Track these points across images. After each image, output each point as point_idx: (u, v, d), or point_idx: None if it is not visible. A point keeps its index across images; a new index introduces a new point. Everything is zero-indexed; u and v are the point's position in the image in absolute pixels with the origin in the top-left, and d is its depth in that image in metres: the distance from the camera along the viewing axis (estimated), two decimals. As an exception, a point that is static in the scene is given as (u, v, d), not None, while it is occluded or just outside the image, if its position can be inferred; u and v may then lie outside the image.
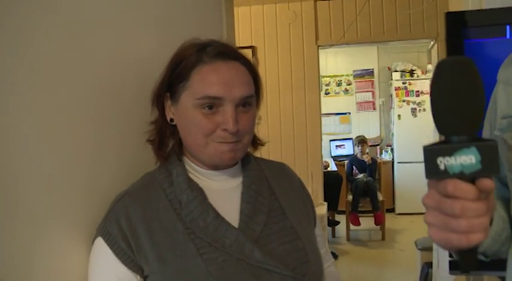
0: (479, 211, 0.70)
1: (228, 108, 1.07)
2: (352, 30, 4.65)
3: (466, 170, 0.68)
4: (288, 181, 1.30)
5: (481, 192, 0.70)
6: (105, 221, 1.10)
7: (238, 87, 1.09)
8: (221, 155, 1.10)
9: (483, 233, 0.71)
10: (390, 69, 8.04)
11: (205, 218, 1.09)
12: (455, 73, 0.71)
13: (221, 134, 1.08)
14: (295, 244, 1.14)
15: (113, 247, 1.06)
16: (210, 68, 1.09)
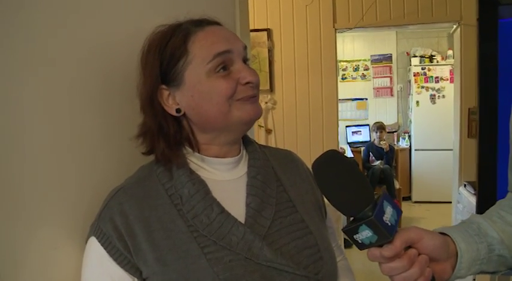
0: (403, 267, 0.84)
1: (239, 63, 1.06)
2: (371, 13, 4.53)
3: (371, 240, 0.84)
4: (296, 170, 1.22)
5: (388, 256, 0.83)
6: (99, 219, 1.02)
7: (237, 40, 1.08)
8: (248, 114, 1.05)
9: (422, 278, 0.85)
10: (409, 54, 7.91)
11: (209, 213, 1.00)
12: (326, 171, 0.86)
13: (243, 89, 1.04)
14: (306, 239, 1.07)
15: (107, 247, 0.99)
16: (203, 32, 1.06)
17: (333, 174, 0.86)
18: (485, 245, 0.97)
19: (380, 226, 0.83)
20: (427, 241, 0.89)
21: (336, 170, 0.85)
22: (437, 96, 7.36)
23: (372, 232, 0.83)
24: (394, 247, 0.84)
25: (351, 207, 0.85)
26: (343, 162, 0.86)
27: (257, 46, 4.68)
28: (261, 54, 4.70)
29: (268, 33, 4.73)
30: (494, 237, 0.98)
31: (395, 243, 0.84)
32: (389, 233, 0.84)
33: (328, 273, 1.06)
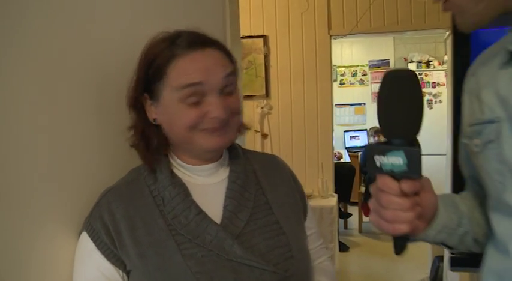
0: (403, 206, 0.84)
1: (212, 96, 1.08)
2: (365, 20, 4.61)
3: (395, 169, 0.82)
4: (278, 173, 1.29)
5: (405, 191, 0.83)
6: (90, 216, 1.12)
7: (217, 71, 1.09)
8: (214, 144, 1.10)
9: (407, 225, 0.85)
10: (407, 60, 7.98)
11: (187, 215, 1.09)
12: (396, 85, 0.82)
13: (210, 121, 1.08)
14: (278, 239, 1.13)
15: (96, 241, 1.08)
16: (185, 60, 1.09)
17: (402, 91, 0.83)
18: (457, 216, 1.02)
19: (419, 160, 0.81)
20: (430, 196, 0.94)
21: (406, 89, 0.83)
22: (434, 101, 7.46)
23: (405, 161, 0.81)
24: (415, 184, 0.84)
25: (402, 128, 0.83)
26: (417, 87, 0.84)
27: (253, 52, 4.75)
28: (257, 60, 4.78)
29: (264, 39, 4.80)
30: (464, 211, 1.04)
31: (418, 181, 0.85)
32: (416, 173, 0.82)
33: (298, 271, 1.12)
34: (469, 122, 1.00)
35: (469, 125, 1.00)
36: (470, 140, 0.99)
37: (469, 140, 1.00)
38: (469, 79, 1.04)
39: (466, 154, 1.05)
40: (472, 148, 0.99)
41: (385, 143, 0.84)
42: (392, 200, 0.85)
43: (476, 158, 0.98)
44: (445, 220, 1.00)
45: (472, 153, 0.99)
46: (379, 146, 0.83)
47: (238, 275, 1.05)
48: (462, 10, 0.90)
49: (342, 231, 6.21)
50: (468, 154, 1.02)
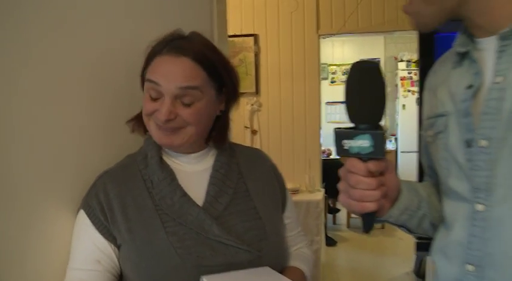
0: (370, 185, 0.91)
1: (166, 99, 1.18)
2: (353, 20, 4.71)
3: (362, 151, 0.89)
4: (260, 166, 1.41)
5: (371, 171, 0.91)
6: (87, 195, 1.25)
7: (176, 79, 1.18)
8: (159, 139, 1.23)
9: (374, 203, 0.92)
10: (397, 58, 8.10)
11: (173, 196, 1.22)
12: (361, 75, 0.90)
13: (155, 119, 1.20)
14: (254, 223, 1.26)
15: (92, 218, 1.21)
16: (160, 59, 1.21)
17: (366, 80, 0.89)
18: (417, 199, 1.10)
19: (383, 142, 0.88)
20: (393, 177, 1.00)
21: (370, 79, 0.89)
22: None
23: (371, 143, 0.88)
24: (381, 164, 0.92)
25: (367, 114, 0.89)
26: (379, 76, 0.89)
27: (244, 51, 4.84)
28: (248, 59, 4.87)
29: (254, 38, 4.90)
30: (423, 196, 1.13)
31: (383, 161, 0.92)
32: (382, 155, 0.89)
33: (271, 252, 1.25)
34: (427, 116, 1.11)
35: (427, 118, 1.11)
36: (425, 131, 1.11)
37: (425, 132, 1.11)
38: (430, 78, 1.15)
39: (424, 144, 1.16)
40: (427, 138, 1.10)
41: (351, 128, 0.90)
42: (360, 180, 0.91)
43: (430, 148, 1.09)
44: (407, 201, 1.07)
45: (427, 143, 1.10)
46: (346, 131, 0.90)
47: (214, 252, 1.17)
48: (417, 14, 1.01)
49: (331, 226, 6.33)
50: (425, 144, 1.13)
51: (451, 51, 1.08)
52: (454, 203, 1.01)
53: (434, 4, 0.96)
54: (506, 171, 0.88)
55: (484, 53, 0.96)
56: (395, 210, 1.06)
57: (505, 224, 0.88)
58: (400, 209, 1.07)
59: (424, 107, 1.14)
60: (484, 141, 0.91)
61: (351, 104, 0.91)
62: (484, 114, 0.91)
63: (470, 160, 0.94)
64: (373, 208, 0.93)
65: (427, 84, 1.15)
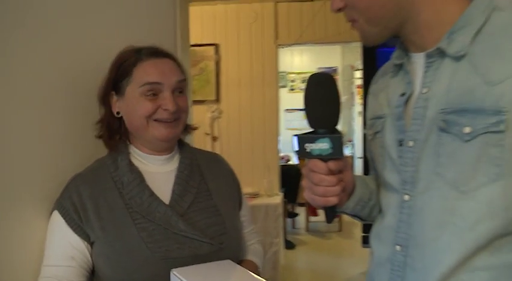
0: (331, 182, 1.03)
1: (166, 93, 1.34)
2: (309, 30, 4.88)
3: (323, 153, 1.00)
4: (219, 168, 1.55)
5: (332, 170, 1.02)
6: (61, 197, 1.34)
7: (172, 75, 1.36)
8: (161, 133, 1.35)
9: (335, 197, 1.05)
10: (353, 67, 8.27)
11: (142, 196, 1.33)
12: (317, 86, 1.02)
13: (162, 113, 1.33)
14: (215, 219, 1.39)
15: (66, 217, 1.30)
16: (148, 62, 1.36)
17: (323, 89, 1.00)
18: (368, 192, 1.23)
19: (341, 144, 0.99)
20: (350, 174, 1.12)
21: (326, 88, 1.00)
22: None
23: (330, 146, 0.98)
24: (340, 163, 1.02)
25: (325, 120, 1.01)
26: (334, 86, 1.01)
27: (205, 59, 4.94)
28: (209, 67, 4.97)
29: (215, 47, 5.00)
30: (372, 188, 1.25)
31: (341, 161, 1.03)
32: (341, 155, 1.00)
33: (231, 245, 1.39)
34: (369, 117, 1.25)
35: (369, 119, 1.25)
36: (367, 130, 1.25)
37: (367, 131, 1.25)
38: (373, 84, 1.29)
39: (367, 142, 1.29)
40: (368, 136, 1.24)
41: (311, 132, 1.01)
42: (322, 178, 1.02)
43: (371, 145, 1.24)
44: (360, 194, 1.20)
45: (369, 140, 1.24)
46: (308, 136, 1.00)
47: (181, 245, 1.29)
48: (364, 31, 1.13)
49: (290, 230, 6.46)
50: (368, 142, 1.27)
51: (389, 62, 1.23)
52: (387, 194, 1.15)
53: (377, 26, 1.08)
54: (427, 167, 1.02)
55: (415, 66, 1.09)
56: (351, 202, 1.19)
57: (424, 211, 1.03)
58: (355, 201, 1.20)
59: (367, 110, 1.28)
60: (411, 142, 1.05)
61: (310, 111, 1.02)
62: (413, 119, 1.06)
63: (401, 156, 1.08)
64: (335, 202, 1.05)
65: (370, 89, 1.29)
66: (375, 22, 1.08)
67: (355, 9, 1.08)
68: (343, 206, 1.19)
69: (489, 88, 0.93)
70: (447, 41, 1.01)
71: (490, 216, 0.95)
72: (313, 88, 1.02)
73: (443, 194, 1.00)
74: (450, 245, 0.98)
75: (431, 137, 1.01)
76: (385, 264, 1.11)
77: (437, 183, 1.01)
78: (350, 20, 1.12)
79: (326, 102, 1.01)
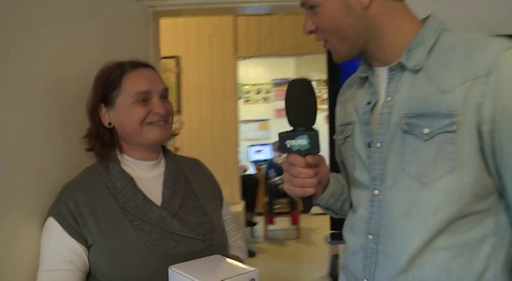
0: (309, 174, 1.17)
1: (155, 99, 1.45)
2: (267, 43, 5.05)
3: (301, 148, 1.14)
4: (201, 173, 1.67)
5: (309, 163, 1.16)
6: (56, 204, 1.41)
7: (159, 83, 1.48)
8: (154, 135, 1.45)
9: (312, 188, 1.19)
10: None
11: (136, 200, 1.42)
12: (296, 89, 1.16)
13: (153, 116, 1.44)
14: (204, 218, 1.50)
15: (62, 223, 1.37)
16: (134, 73, 1.47)
17: (301, 93, 1.14)
18: (340, 186, 1.38)
19: (318, 141, 1.13)
20: (325, 168, 1.26)
21: (304, 92, 1.14)
22: None
23: (308, 142, 1.12)
24: (316, 158, 1.16)
25: (303, 119, 1.14)
26: (310, 90, 1.14)
27: (167, 71, 4.96)
28: (170, 79, 5.02)
29: (176, 60, 5.06)
30: (344, 184, 1.40)
31: (318, 156, 1.17)
32: (317, 149, 1.14)
33: (219, 242, 1.50)
34: (338, 124, 1.40)
35: (338, 126, 1.40)
36: (337, 136, 1.40)
37: (337, 136, 1.40)
38: (340, 95, 1.44)
39: (337, 147, 1.44)
40: (339, 141, 1.38)
41: (291, 131, 1.14)
42: (301, 171, 1.16)
43: (341, 148, 1.38)
44: (333, 188, 1.35)
45: (339, 145, 1.39)
46: (288, 133, 1.14)
47: (177, 243, 1.39)
48: (335, 49, 1.27)
49: (249, 239, 6.51)
50: (338, 146, 1.41)
51: (355, 75, 1.38)
52: (358, 191, 1.29)
53: (346, 44, 1.23)
54: (393, 165, 1.17)
55: (379, 79, 1.24)
56: (325, 195, 1.34)
57: (392, 203, 1.17)
58: (329, 194, 1.34)
59: (336, 118, 1.43)
60: (379, 143, 1.20)
61: (291, 112, 1.15)
62: (379, 124, 1.20)
63: (370, 157, 1.22)
64: (312, 192, 1.19)
65: (338, 99, 1.44)
66: (344, 41, 1.22)
67: (326, 31, 1.22)
68: (318, 198, 1.33)
69: (442, 96, 1.09)
70: (406, 56, 1.17)
71: (448, 203, 1.10)
72: (293, 92, 1.15)
73: (408, 187, 1.14)
74: (415, 230, 1.13)
75: (396, 139, 1.16)
76: (358, 252, 1.25)
77: (403, 178, 1.15)
78: (322, 39, 1.26)
79: (304, 104, 1.14)
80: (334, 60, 1.31)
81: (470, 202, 1.10)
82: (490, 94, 1.05)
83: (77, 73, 1.63)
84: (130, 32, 2.12)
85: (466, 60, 1.09)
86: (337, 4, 1.18)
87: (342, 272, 1.38)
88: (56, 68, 1.58)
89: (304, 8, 1.25)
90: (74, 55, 1.65)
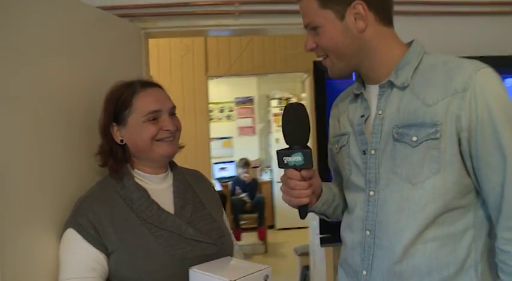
0: (303, 186, 1.35)
1: (165, 116, 1.55)
2: (238, 63, 5.20)
3: (297, 164, 1.31)
4: (203, 183, 1.78)
5: (304, 176, 1.33)
6: (75, 216, 1.48)
7: (167, 101, 1.59)
8: (164, 150, 1.55)
9: (307, 198, 1.36)
10: (269, 97, 8.60)
11: (151, 209, 1.52)
12: (291, 112, 1.33)
13: (163, 133, 1.53)
14: (212, 225, 1.61)
15: (83, 233, 1.44)
16: (144, 93, 1.55)
17: (296, 115, 1.30)
18: (332, 194, 1.55)
19: (311, 157, 1.29)
20: (318, 180, 1.45)
21: (299, 114, 1.30)
22: None
23: (302, 158, 1.29)
24: (310, 172, 1.34)
25: (298, 139, 1.30)
26: (304, 113, 1.31)
27: (138, 90, 5.04)
28: (142, 98, 5.07)
29: (148, 79, 5.11)
30: (336, 191, 1.58)
31: (311, 170, 1.34)
32: (310, 165, 1.30)
33: (228, 246, 1.62)
34: (333, 135, 1.56)
35: (333, 137, 1.56)
36: (333, 145, 1.56)
37: (332, 146, 1.57)
38: (333, 109, 1.60)
39: (331, 155, 1.61)
40: (334, 150, 1.55)
41: (288, 148, 1.31)
42: (297, 183, 1.34)
43: (336, 157, 1.54)
44: (326, 196, 1.52)
45: (334, 153, 1.55)
46: (285, 151, 1.31)
47: (193, 247, 1.49)
48: (332, 65, 1.42)
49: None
50: (332, 155, 1.58)
51: (347, 91, 1.55)
52: (354, 193, 1.45)
53: (343, 62, 1.39)
54: (386, 169, 1.34)
55: (371, 95, 1.41)
56: (319, 203, 1.51)
57: (386, 202, 1.34)
58: (322, 202, 1.52)
59: (330, 129, 1.60)
60: (373, 150, 1.37)
61: (287, 132, 1.32)
62: (372, 134, 1.37)
63: (365, 162, 1.39)
64: (306, 202, 1.37)
65: (331, 113, 1.60)
66: (341, 59, 1.38)
67: (326, 49, 1.39)
68: (313, 206, 1.50)
69: (427, 109, 1.28)
70: (395, 75, 1.35)
71: (434, 200, 1.28)
72: (288, 114, 1.33)
73: (400, 187, 1.32)
74: (407, 225, 1.30)
75: (388, 146, 1.34)
76: (356, 247, 1.41)
77: (395, 179, 1.33)
78: (321, 56, 1.42)
79: (298, 125, 1.31)
80: (330, 75, 1.45)
81: (454, 198, 1.29)
82: (466, 107, 1.24)
83: (83, 91, 1.72)
84: (127, 52, 2.23)
85: (445, 79, 1.28)
86: (337, 26, 1.34)
87: (341, 267, 1.53)
88: (65, 87, 1.65)
89: (307, 28, 1.40)
90: (79, 73, 1.74)
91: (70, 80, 1.68)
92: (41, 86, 1.53)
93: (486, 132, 1.24)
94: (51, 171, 1.56)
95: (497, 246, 1.27)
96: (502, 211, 1.25)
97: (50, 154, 1.56)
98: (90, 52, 1.84)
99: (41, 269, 1.47)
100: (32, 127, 1.48)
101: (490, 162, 1.25)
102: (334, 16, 1.34)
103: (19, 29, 1.45)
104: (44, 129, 1.54)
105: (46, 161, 1.54)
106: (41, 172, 1.51)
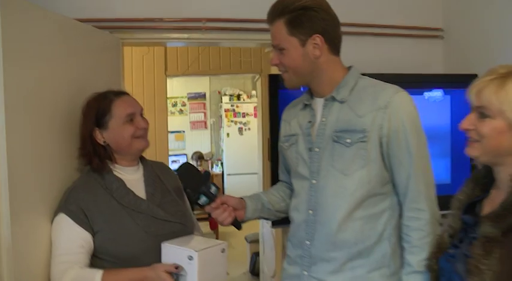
0: (221, 212, 1.75)
1: (138, 117, 1.87)
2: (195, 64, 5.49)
3: (206, 202, 1.73)
4: (169, 173, 2.09)
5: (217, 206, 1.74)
6: (65, 203, 1.75)
7: (138, 105, 1.90)
8: (141, 145, 1.87)
9: (230, 218, 1.75)
10: (220, 93, 8.83)
11: (128, 196, 1.81)
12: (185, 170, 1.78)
13: (139, 132, 1.84)
14: (177, 208, 1.93)
15: (73, 217, 1.72)
16: (119, 100, 1.85)
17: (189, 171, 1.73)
18: (261, 203, 1.87)
19: (211, 196, 1.70)
20: (231, 200, 1.78)
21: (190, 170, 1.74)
22: (244, 129, 8.45)
23: (206, 198, 1.69)
24: (216, 203, 1.72)
25: (195, 186, 1.69)
26: (193, 168, 1.76)
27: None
28: (104, 94, 5.23)
29: (110, 77, 5.28)
30: (264, 199, 1.89)
31: (217, 201, 1.72)
32: (214, 198, 1.71)
33: (190, 224, 1.95)
34: (284, 134, 1.84)
35: (283, 136, 1.84)
36: (283, 143, 1.83)
37: (283, 143, 1.84)
38: (285, 114, 1.87)
39: (282, 152, 1.87)
40: (284, 147, 1.82)
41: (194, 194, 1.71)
42: (216, 212, 1.74)
43: (286, 152, 1.82)
44: (253, 206, 1.84)
45: (284, 150, 1.82)
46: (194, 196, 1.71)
47: (163, 226, 1.80)
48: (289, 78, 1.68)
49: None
50: (283, 152, 1.85)
51: (297, 100, 1.82)
52: (300, 182, 1.74)
53: (298, 78, 1.67)
54: (326, 163, 1.63)
55: (317, 105, 1.70)
56: (248, 213, 1.84)
57: (325, 188, 1.64)
58: (250, 212, 1.85)
59: (281, 130, 1.88)
60: (317, 148, 1.66)
61: (187, 184, 1.76)
62: (317, 136, 1.67)
63: (310, 157, 1.68)
64: (231, 221, 1.75)
65: (283, 117, 1.88)
66: (297, 75, 1.67)
67: (287, 67, 1.66)
68: (244, 217, 1.83)
69: (358, 119, 1.59)
70: (336, 92, 1.65)
71: (361, 187, 1.59)
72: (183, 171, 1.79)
73: (336, 177, 1.62)
74: (341, 206, 1.60)
75: (328, 146, 1.64)
76: (302, 224, 1.71)
77: (332, 171, 1.63)
78: (282, 71, 1.70)
79: (192, 177, 1.74)
80: (285, 86, 1.73)
81: (375, 186, 1.61)
82: (386, 119, 1.57)
83: (68, 97, 1.97)
84: (109, 59, 2.51)
85: (373, 98, 1.60)
86: (299, 51, 1.61)
87: (289, 241, 1.81)
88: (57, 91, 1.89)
89: (274, 48, 1.66)
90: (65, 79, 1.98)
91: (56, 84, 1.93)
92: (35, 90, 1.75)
93: (400, 138, 1.58)
94: (45, 168, 1.82)
95: (403, 222, 1.63)
96: (407, 196, 1.61)
97: (44, 154, 1.81)
98: (74, 59, 2.08)
99: (38, 248, 1.72)
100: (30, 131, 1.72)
101: (401, 160, 1.59)
102: (298, 43, 1.60)
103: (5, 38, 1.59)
104: (40, 132, 1.79)
105: (41, 159, 1.80)
106: (37, 168, 1.77)
